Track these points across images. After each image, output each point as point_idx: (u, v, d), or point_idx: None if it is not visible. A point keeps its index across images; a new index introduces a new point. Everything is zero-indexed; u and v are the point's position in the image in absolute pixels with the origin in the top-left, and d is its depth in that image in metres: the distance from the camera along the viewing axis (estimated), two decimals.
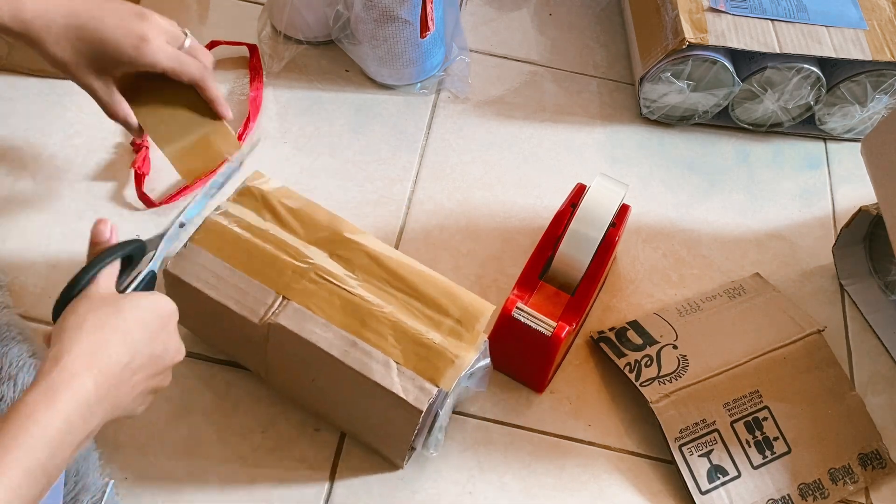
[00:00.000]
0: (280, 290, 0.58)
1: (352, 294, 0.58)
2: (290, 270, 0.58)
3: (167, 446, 0.64)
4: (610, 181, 0.67)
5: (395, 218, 0.80)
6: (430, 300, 0.58)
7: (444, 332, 0.57)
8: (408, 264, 0.60)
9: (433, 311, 0.58)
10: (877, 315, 0.80)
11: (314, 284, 0.58)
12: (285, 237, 0.60)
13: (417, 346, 0.56)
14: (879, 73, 0.84)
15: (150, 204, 0.76)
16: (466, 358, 0.56)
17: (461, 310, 0.58)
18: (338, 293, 0.58)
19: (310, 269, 0.58)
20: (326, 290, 0.58)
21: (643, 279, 0.79)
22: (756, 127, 0.92)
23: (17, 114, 0.80)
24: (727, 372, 0.69)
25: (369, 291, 0.58)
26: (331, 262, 0.59)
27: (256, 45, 0.88)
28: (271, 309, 0.57)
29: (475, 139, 0.87)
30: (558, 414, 0.70)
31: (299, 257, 0.59)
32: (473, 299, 0.59)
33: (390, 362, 0.55)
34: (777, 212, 0.87)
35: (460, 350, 0.56)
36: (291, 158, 0.82)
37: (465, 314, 0.58)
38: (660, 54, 0.84)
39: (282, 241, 0.60)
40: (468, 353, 0.57)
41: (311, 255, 0.59)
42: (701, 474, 0.66)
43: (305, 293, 0.57)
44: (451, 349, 0.56)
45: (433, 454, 0.63)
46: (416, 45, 0.84)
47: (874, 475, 0.69)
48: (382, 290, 0.58)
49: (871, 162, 0.72)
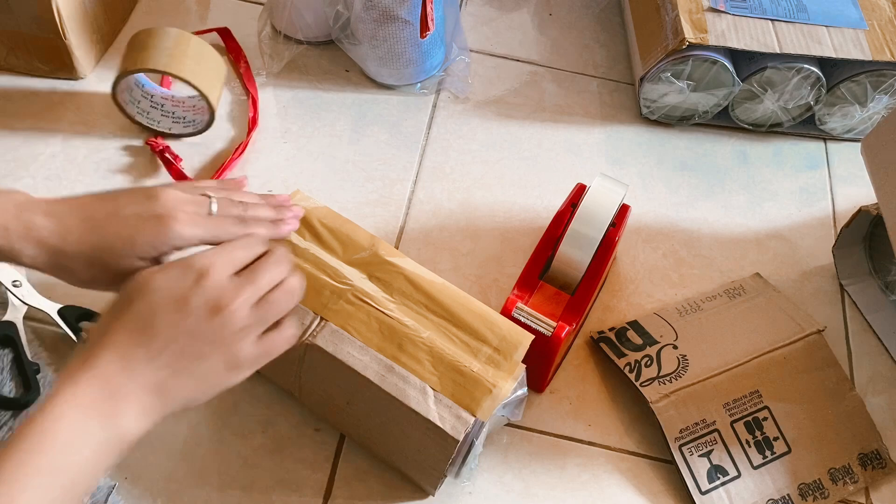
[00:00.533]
0: (318, 311, 0.57)
1: (390, 317, 0.57)
2: (328, 291, 0.58)
3: (167, 446, 0.64)
4: (610, 181, 0.67)
5: (395, 218, 0.80)
6: (468, 326, 0.57)
7: (483, 359, 0.56)
8: (446, 289, 0.59)
9: (471, 338, 0.57)
10: (877, 315, 0.80)
11: (352, 306, 0.57)
12: (324, 257, 0.59)
13: (455, 374, 0.55)
14: (879, 73, 0.84)
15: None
16: (504, 387, 0.55)
17: (499, 338, 0.57)
18: (375, 316, 0.57)
19: (348, 290, 0.58)
20: (364, 312, 0.57)
21: (643, 279, 0.79)
22: (756, 127, 0.92)
23: (17, 114, 0.80)
24: (727, 372, 0.69)
25: (407, 315, 0.57)
26: (369, 284, 0.58)
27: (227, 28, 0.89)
28: (309, 329, 0.56)
29: (475, 139, 0.87)
30: (558, 414, 0.70)
31: (338, 278, 0.58)
32: (512, 327, 0.58)
33: (427, 389, 0.54)
34: (777, 212, 0.87)
35: (498, 379, 0.55)
36: (291, 158, 0.82)
37: (503, 342, 0.57)
38: (660, 54, 0.84)
39: (321, 260, 0.59)
40: (506, 382, 0.55)
41: (350, 276, 0.58)
42: (701, 474, 0.66)
43: (343, 314, 0.57)
44: (489, 378, 0.55)
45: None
46: (416, 45, 0.84)
47: (874, 475, 0.69)
48: (420, 315, 0.58)
49: (871, 162, 0.72)
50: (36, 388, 0.62)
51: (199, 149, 0.80)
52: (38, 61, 0.81)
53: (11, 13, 0.76)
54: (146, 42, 0.74)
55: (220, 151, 0.81)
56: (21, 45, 0.79)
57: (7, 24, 0.77)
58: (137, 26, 0.89)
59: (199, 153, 0.80)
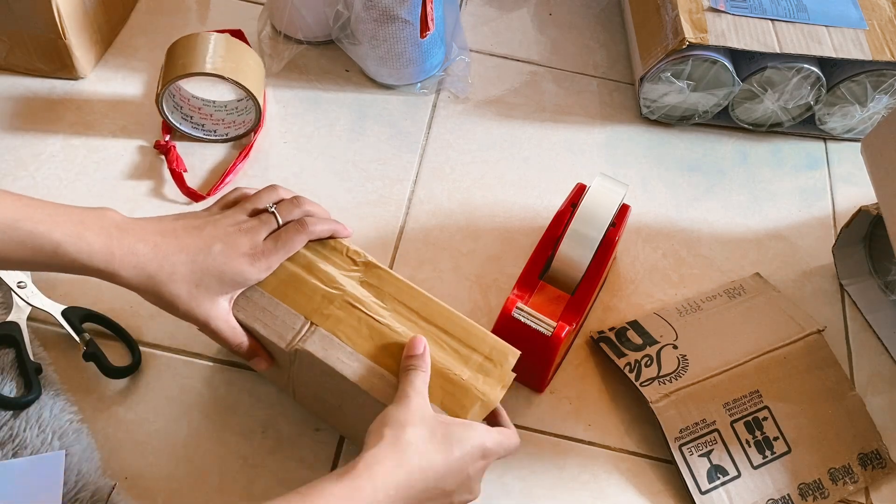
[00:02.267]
0: (309, 315, 0.57)
1: (380, 324, 0.57)
2: (319, 295, 0.57)
3: (167, 446, 0.64)
4: (610, 181, 0.67)
5: (395, 218, 0.80)
6: (459, 334, 0.57)
7: (473, 367, 0.56)
8: (439, 302, 0.59)
9: (462, 346, 0.57)
10: (877, 315, 0.80)
11: (343, 311, 0.57)
12: (316, 261, 0.59)
13: (444, 382, 0.55)
14: (879, 73, 0.84)
15: (197, 198, 0.76)
16: (492, 395, 0.55)
17: (490, 347, 0.57)
18: (366, 321, 0.57)
19: (339, 295, 0.58)
20: (355, 317, 0.57)
21: (643, 279, 0.79)
22: (756, 127, 0.92)
23: (16, 114, 0.80)
24: (727, 372, 0.69)
25: (398, 322, 0.57)
26: (361, 290, 0.58)
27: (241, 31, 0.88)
28: (299, 334, 0.56)
29: (475, 139, 0.87)
30: (558, 414, 0.70)
31: (329, 282, 0.58)
32: (502, 343, 0.58)
33: None
34: (777, 212, 0.87)
35: (487, 387, 0.55)
36: (291, 158, 0.82)
37: (494, 351, 0.57)
38: (660, 54, 0.84)
39: (313, 264, 0.59)
40: (495, 390, 0.55)
41: (341, 281, 0.58)
42: (701, 474, 0.66)
43: (333, 319, 0.57)
44: (479, 386, 0.55)
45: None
46: (416, 45, 0.84)
47: (874, 475, 0.69)
48: (411, 322, 0.57)
49: (871, 162, 0.72)
50: (37, 389, 0.62)
51: (203, 150, 0.80)
52: (38, 61, 0.81)
53: (11, 13, 0.76)
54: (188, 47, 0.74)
55: (224, 152, 0.81)
56: (21, 44, 0.79)
57: (7, 24, 0.77)
58: (137, 26, 0.89)
59: (204, 154, 0.80)
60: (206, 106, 0.82)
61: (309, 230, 0.58)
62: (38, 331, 0.67)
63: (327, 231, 0.60)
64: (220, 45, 0.75)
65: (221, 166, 0.80)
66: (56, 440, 0.60)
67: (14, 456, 0.59)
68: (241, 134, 0.81)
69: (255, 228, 0.57)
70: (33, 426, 0.61)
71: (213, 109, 0.82)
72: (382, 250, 0.77)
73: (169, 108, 0.78)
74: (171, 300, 0.54)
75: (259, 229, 0.57)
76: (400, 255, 0.77)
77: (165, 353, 0.68)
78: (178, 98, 0.79)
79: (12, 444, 0.60)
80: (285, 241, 0.57)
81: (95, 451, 0.61)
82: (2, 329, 0.64)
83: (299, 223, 0.58)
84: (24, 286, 0.67)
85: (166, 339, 0.68)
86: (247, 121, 0.81)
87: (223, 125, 0.81)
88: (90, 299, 0.68)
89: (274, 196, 0.60)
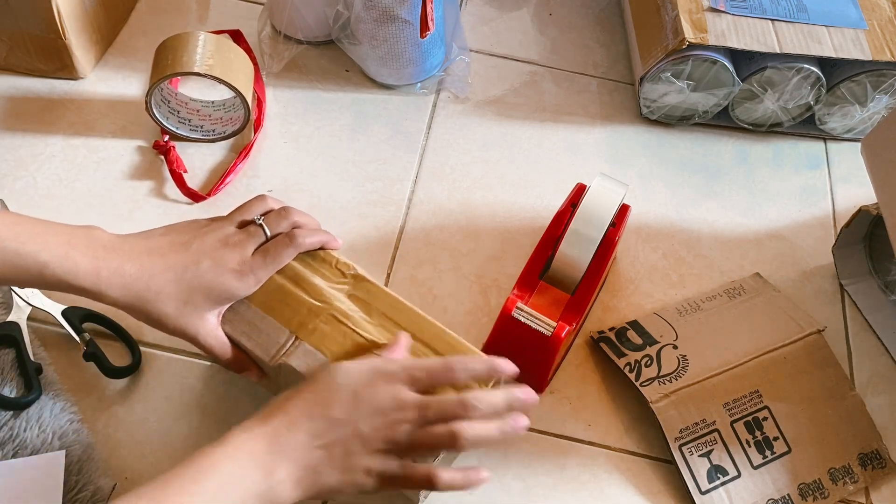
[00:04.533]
0: (294, 330, 0.57)
1: (365, 339, 0.57)
2: (305, 309, 0.57)
3: (167, 446, 0.64)
4: (610, 181, 0.67)
5: (395, 218, 0.80)
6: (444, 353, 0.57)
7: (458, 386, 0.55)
8: (425, 316, 0.58)
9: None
10: (877, 315, 0.80)
11: (328, 325, 0.57)
12: (304, 273, 0.59)
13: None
14: (879, 73, 0.84)
15: (198, 198, 0.76)
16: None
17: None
18: (351, 336, 0.57)
19: (325, 309, 0.57)
20: (340, 332, 0.57)
21: (643, 279, 0.79)
22: (756, 127, 0.92)
23: (17, 114, 0.80)
24: (727, 372, 0.69)
25: (384, 337, 0.57)
26: (348, 303, 0.58)
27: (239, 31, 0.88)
28: (283, 349, 0.56)
29: (475, 139, 0.87)
30: (558, 414, 0.70)
31: (316, 295, 0.58)
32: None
33: None
34: (777, 212, 0.87)
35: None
36: (291, 158, 0.82)
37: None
38: (660, 54, 0.84)
39: (300, 276, 0.59)
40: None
41: (328, 295, 0.58)
42: (701, 474, 0.66)
43: (318, 334, 0.57)
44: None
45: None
46: (416, 45, 0.84)
47: (874, 475, 0.69)
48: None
49: (871, 162, 0.72)
50: (37, 389, 0.62)
51: (203, 150, 0.80)
52: (38, 61, 0.81)
53: (11, 13, 0.76)
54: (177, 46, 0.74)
55: (224, 152, 0.81)
56: (21, 44, 0.79)
57: (7, 24, 0.77)
58: (137, 26, 0.89)
59: (203, 154, 0.80)
60: (205, 107, 0.82)
61: (297, 243, 0.58)
62: (38, 331, 0.67)
63: (317, 243, 0.59)
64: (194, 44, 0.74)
65: (221, 166, 0.80)
66: (56, 440, 0.60)
67: (14, 456, 0.59)
68: (236, 130, 0.80)
69: (243, 242, 0.57)
70: (33, 426, 0.61)
71: (211, 110, 0.82)
72: (382, 250, 0.77)
73: (163, 112, 0.78)
74: (160, 318, 0.54)
75: (246, 243, 0.57)
76: (400, 255, 0.77)
77: (165, 353, 0.68)
78: (175, 103, 0.79)
79: (12, 444, 0.60)
80: (274, 256, 0.57)
81: (95, 451, 0.61)
82: (2, 329, 0.64)
83: (288, 236, 0.58)
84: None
85: (166, 339, 0.68)
86: (239, 116, 0.81)
87: (221, 123, 0.81)
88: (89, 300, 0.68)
89: (262, 207, 0.59)
